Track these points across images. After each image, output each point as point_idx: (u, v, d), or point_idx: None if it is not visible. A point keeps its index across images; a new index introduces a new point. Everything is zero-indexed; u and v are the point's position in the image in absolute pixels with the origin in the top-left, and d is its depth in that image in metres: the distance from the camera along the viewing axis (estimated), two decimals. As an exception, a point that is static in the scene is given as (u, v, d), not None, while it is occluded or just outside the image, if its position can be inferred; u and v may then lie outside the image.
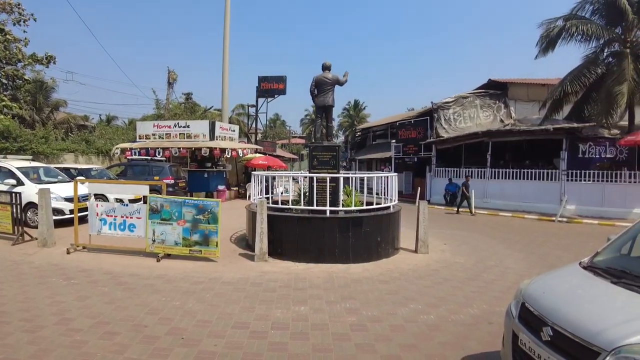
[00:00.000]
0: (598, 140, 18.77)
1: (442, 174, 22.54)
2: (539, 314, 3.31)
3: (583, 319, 3.00)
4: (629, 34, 18.24)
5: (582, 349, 2.83)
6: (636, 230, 4.08)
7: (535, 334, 3.25)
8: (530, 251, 10.29)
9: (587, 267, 3.84)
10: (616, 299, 3.20)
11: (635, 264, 3.84)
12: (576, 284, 3.62)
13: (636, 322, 2.78)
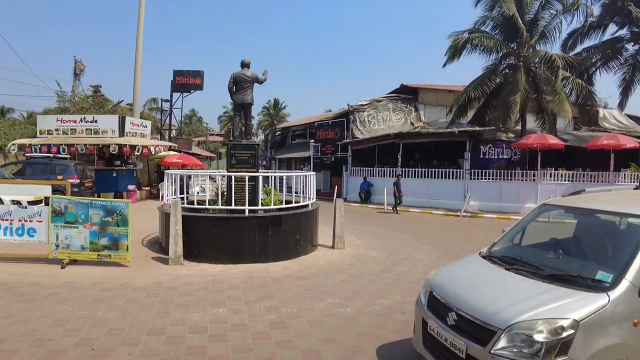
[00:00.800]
0: (496, 143, 20.81)
1: (357, 173, 23.37)
2: (444, 301, 3.61)
3: (482, 302, 3.33)
4: (522, 50, 20.39)
5: (482, 329, 3.15)
6: (525, 222, 4.60)
7: (442, 319, 3.54)
8: (438, 244, 11.08)
9: (485, 256, 4.26)
10: (509, 283, 3.58)
11: (525, 252, 4.32)
12: (476, 272, 3.99)
13: (525, 302, 3.14)
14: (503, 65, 21.42)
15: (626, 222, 3.83)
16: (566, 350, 2.84)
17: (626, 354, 3.03)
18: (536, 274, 3.54)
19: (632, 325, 3.06)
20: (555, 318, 2.92)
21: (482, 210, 18.46)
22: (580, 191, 4.96)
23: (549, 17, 20.22)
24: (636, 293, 3.11)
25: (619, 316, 3.02)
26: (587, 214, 4.27)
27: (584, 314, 2.92)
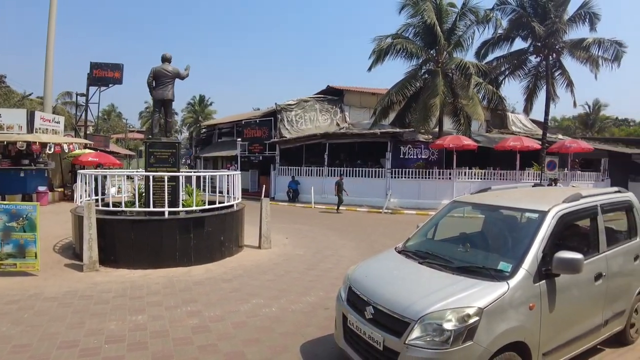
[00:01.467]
0: (416, 144, 21.94)
1: (285, 172, 23.43)
2: (362, 295, 3.78)
3: (396, 296, 3.53)
4: (441, 56, 21.65)
5: (397, 321, 3.34)
6: (438, 218, 4.94)
7: (361, 313, 3.69)
8: (362, 239, 11.48)
9: (401, 251, 4.51)
10: (421, 277, 3.82)
11: (437, 246, 4.64)
12: (392, 266, 4.21)
13: (435, 294, 3.38)
14: (423, 70, 22.57)
15: (523, 217, 4.25)
16: (472, 336, 3.11)
17: (524, 335, 3.38)
18: (446, 267, 3.81)
19: (529, 309, 3.43)
20: (462, 307, 3.18)
21: (402, 207, 19.41)
22: (486, 189, 5.43)
23: (464, 27, 21.68)
24: (531, 280, 3.49)
25: (517, 301, 3.37)
26: (491, 210, 4.68)
27: (487, 301, 3.22)
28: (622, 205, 5.02)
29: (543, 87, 22.23)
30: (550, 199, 4.25)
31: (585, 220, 4.51)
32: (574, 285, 3.86)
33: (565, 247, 3.79)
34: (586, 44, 21.05)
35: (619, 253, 4.60)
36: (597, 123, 50.39)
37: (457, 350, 3.07)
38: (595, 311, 4.25)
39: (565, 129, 46.33)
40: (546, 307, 3.57)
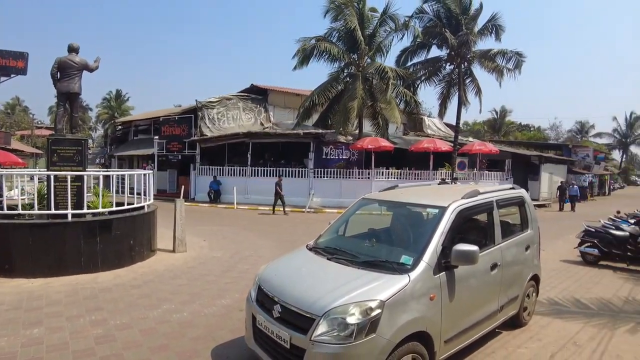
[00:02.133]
0: (337, 145, 22.48)
1: (206, 172, 22.78)
2: (271, 294, 3.74)
3: (303, 293, 3.54)
4: (362, 60, 22.35)
5: (304, 318, 3.34)
6: (348, 214, 5.06)
7: (269, 312, 3.66)
8: (283, 239, 11.48)
9: (311, 248, 4.55)
10: (328, 272, 3.88)
11: (346, 242, 4.73)
12: (301, 264, 4.23)
13: (340, 289, 3.43)
14: (345, 73, 23.14)
15: (425, 212, 4.48)
16: (375, 328, 3.19)
17: (425, 325, 3.54)
18: (352, 262, 3.90)
19: (430, 300, 3.60)
20: (365, 301, 3.26)
21: (324, 206, 19.77)
22: (394, 186, 5.67)
23: (384, 33, 22.59)
24: (432, 272, 3.67)
25: (418, 293, 3.52)
26: (397, 206, 4.89)
27: (389, 294, 3.33)
28: (516, 201, 5.49)
29: (456, 93, 23.81)
30: (450, 196, 4.50)
31: (483, 214, 4.84)
32: (471, 275, 4.14)
33: (464, 240, 4.05)
34: (492, 54, 23.10)
35: (512, 244, 5.03)
36: (504, 127, 55.02)
37: (361, 344, 3.14)
38: (492, 298, 4.59)
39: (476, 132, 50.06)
40: (446, 297, 3.79)
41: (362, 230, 5.01)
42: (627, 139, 65.88)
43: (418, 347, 3.50)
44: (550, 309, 6.45)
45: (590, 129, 65.38)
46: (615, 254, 9.61)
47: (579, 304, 6.87)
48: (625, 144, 67.10)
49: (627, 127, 65.15)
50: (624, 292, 7.64)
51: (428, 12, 23.35)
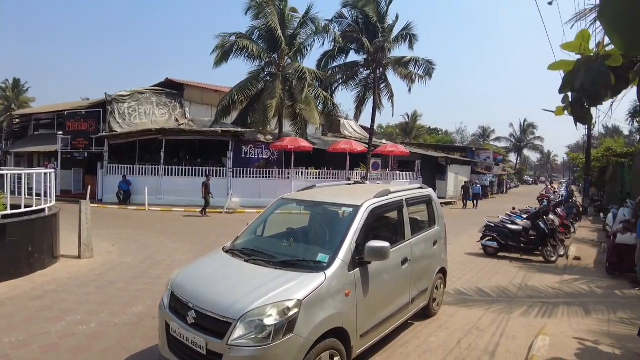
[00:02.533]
0: (257, 144, 22.29)
1: (115, 171, 21.24)
2: (185, 300, 3.61)
3: (219, 296, 3.46)
4: (282, 60, 22.34)
5: (220, 323, 3.26)
6: (267, 215, 5.05)
7: (183, 319, 3.53)
8: (199, 242, 11.10)
9: (228, 250, 4.46)
10: (245, 274, 3.83)
11: (264, 243, 4.71)
12: (217, 267, 4.13)
13: (257, 290, 3.40)
14: (265, 72, 22.99)
15: (341, 211, 4.60)
16: (292, 328, 3.21)
17: (342, 321, 3.63)
18: (270, 262, 3.89)
19: (345, 296, 3.70)
20: (282, 301, 3.27)
21: (243, 206, 19.48)
22: (312, 186, 5.75)
23: (305, 35, 22.78)
24: (347, 269, 3.77)
25: (334, 290, 3.61)
26: (314, 206, 4.98)
27: (306, 292, 3.37)
28: (424, 199, 5.86)
29: (371, 97, 24.75)
30: (363, 195, 4.68)
31: (394, 212, 5.09)
32: (384, 270, 4.34)
33: (377, 237, 4.23)
34: (406, 61, 24.44)
35: (421, 240, 5.36)
36: (414, 131, 58.32)
37: (278, 345, 3.14)
38: (403, 291, 4.85)
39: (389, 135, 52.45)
40: (361, 293, 3.92)
41: (280, 230, 5.03)
42: (521, 143, 74.46)
43: (335, 343, 3.58)
44: (456, 299, 6.98)
45: (491, 134, 72.79)
46: (511, 246, 10.66)
47: (481, 292, 7.51)
48: (519, 148, 75.64)
49: (521, 133, 73.58)
50: (519, 280, 8.49)
51: (347, 17, 24.07)
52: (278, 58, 22.37)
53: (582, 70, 3.01)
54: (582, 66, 3.01)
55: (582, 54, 3.08)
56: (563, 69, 3.28)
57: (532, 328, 5.62)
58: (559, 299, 7.25)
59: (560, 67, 3.28)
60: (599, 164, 27.70)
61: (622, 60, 3.02)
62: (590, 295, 7.59)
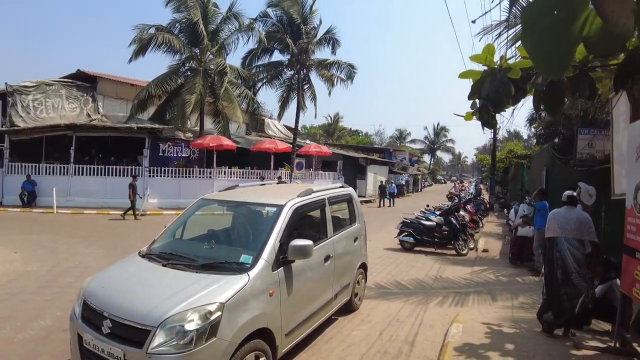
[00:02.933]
0: (176, 142, 21.42)
1: (18, 170, 19.24)
2: (99, 309, 3.40)
3: (136, 304, 3.30)
4: (204, 56, 21.72)
5: (138, 331, 3.11)
6: (186, 216, 4.90)
7: (97, 329, 3.31)
8: (114, 246, 10.42)
9: (145, 254, 4.26)
10: (164, 279, 3.70)
11: (182, 246, 4.57)
12: (133, 272, 3.95)
13: (177, 295, 3.29)
14: (186, 67, 22.23)
15: (264, 210, 4.61)
16: (215, 332, 3.15)
17: (266, 321, 3.63)
18: (190, 266, 3.79)
19: (269, 296, 3.71)
20: (204, 305, 3.19)
21: (161, 207, 18.64)
22: (234, 186, 5.70)
23: (229, 32, 22.37)
24: (270, 269, 3.78)
25: (258, 290, 3.59)
26: (237, 206, 4.93)
27: (229, 295, 3.32)
28: (345, 198, 6.04)
29: (295, 97, 24.93)
30: (287, 194, 4.72)
31: (316, 211, 5.20)
32: (308, 268, 4.41)
33: (300, 236, 4.31)
34: (328, 64, 25.01)
35: (342, 237, 5.52)
36: (337, 132, 59.75)
37: (201, 350, 3.07)
38: (327, 288, 4.97)
39: (313, 135, 53.20)
40: (285, 292, 3.96)
41: (201, 232, 4.89)
42: (434, 145, 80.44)
43: (260, 344, 3.57)
44: (377, 292, 7.30)
45: (407, 136, 77.46)
46: (426, 240, 11.41)
47: (400, 285, 7.92)
48: (433, 149, 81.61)
49: (435, 136, 79.25)
50: (434, 272, 9.09)
51: (272, 17, 24.05)
52: (200, 53, 21.75)
53: (487, 80, 3.33)
54: (487, 76, 3.34)
55: (487, 66, 3.42)
56: (472, 78, 3.61)
57: (447, 316, 6.04)
58: (470, 288, 7.88)
59: (469, 76, 3.61)
60: (503, 164, 30.40)
61: (520, 73, 3.39)
62: (497, 283, 8.34)
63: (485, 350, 4.64)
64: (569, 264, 4.85)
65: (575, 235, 4.91)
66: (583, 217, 5.10)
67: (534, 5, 1.53)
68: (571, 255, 4.85)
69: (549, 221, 5.25)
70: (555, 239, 5.01)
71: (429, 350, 4.90)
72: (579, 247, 4.89)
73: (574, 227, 4.93)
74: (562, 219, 5.05)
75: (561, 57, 1.54)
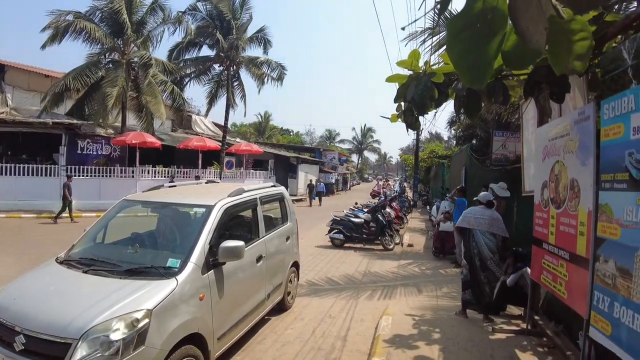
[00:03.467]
0: (96, 138, 20.03)
1: None
2: (10, 323, 3.10)
3: (53, 315, 3.05)
4: (127, 47, 20.51)
5: (57, 345, 2.88)
6: (108, 218, 4.60)
7: (9, 346, 3.03)
8: (25, 253, 9.53)
9: (63, 261, 3.96)
10: (85, 287, 3.46)
11: (104, 251, 4.31)
12: (49, 281, 3.65)
13: (100, 304, 3.10)
14: (107, 59, 20.92)
15: (192, 211, 4.47)
16: (143, 340, 3.00)
17: (197, 326, 3.52)
18: (114, 272, 3.57)
19: (199, 300, 3.60)
20: (129, 313, 3.03)
21: (81, 210, 17.28)
22: (159, 186, 5.46)
23: (154, 23, 21.34)
24: (200, 272, 3.67)
25: (187, 295, 3.48)
26: (163, 207, 4.73)
27: (156, 301, 3.18)
28: (276, 197, 6.05)
29: (224, 94, 24.41)
30: (216, 194, 4.60)
31: (248, 211, 5.15)
32: (239, 269, 4.35)
33: (231, 237, 4.24)
34: (259, 62, 24.79)
35: (274, 236, 5.53)
36: (267, 131, 59.34)
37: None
38: (259, 288, 4.94)
39: (243, 133, 52.40)
40: (216, 295, 3.87)
41: (124, 236, 4.61)
42: (362, 145, 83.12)
43: (192, 349, 3.46)
44: (309, 290, 7.40)
45: (337, 136, 79.08)
46: (355, 237, 11.78)
47: (331, 281, 8.09)
48: (360, 150, 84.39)
49: (362, 136, 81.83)
50: (363, 267, 9.39)
51: (201, 10, 23.27)
52: (123, 44, 20.53)
53: (412, 84, 3.50)
54: (412, 81, 3.51)
55: (413, 70, 3.61)
56: (398, 82, 3.78)
57: (377, 310, 6.27)
58: (397, 281, 8.25)
59: (396, 80, 3.78)
60: (425, 164, 32.02)
61: (443, 78, 3.62)
62: (422, 276, 8.81)
63: (413, 340, 4.88)
64: (484, 252, 5.58)
65: (488, 229, 5.62)
66: (495, 215, 5.81)
67: (459, 18, 1.65)
68: (485, 245, 5.59)
69: (465, 215, 5.93)
70: (472, 230, 5.70)
71: (361, 344, 5.05)
72: (491, 239, 5.63)
73: (487, 223, 5.64)
74: (478, 214, 5.77)
75: (482, 68, 1.67)
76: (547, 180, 4.35)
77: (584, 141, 3.46)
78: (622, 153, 2.75)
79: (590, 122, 3.34)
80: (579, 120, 3.59)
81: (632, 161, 2.65)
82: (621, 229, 2.76)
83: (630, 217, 2.65)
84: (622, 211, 2.75)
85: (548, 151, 4.35)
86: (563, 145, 3.91)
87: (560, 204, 3.96)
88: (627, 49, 3.29)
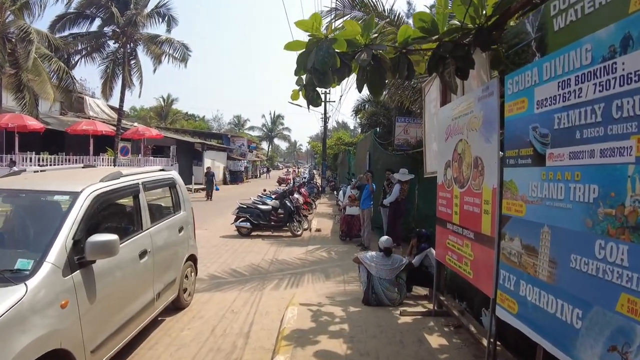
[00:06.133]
0: (-41, 121, 16.99)
1: None
2: None
3: None
4: (1, 16, 17.48)
5: None
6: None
7: None
8: None
9: None
10: None
11: None
12: None
13: None
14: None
15: (52, 200, 3.67)
16: None
17: (59, 340, 2.85)
18: None
19: (61, 308, 2.93)
20: None
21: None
22: (19, 171, 4.50)
23: (35, -11, 18.48)
24: (60, 273, 2.99)
25: (42, 303, 2.79)
26: (14, 196, 3.83)
27: None
28: (167, 183, 5.34)
29: (121, 74, 22.27)
30: (86, 179, 3.84)
31: (128, 198, 4.42)
32: (116, 268, 3.68)
33: (106, 229, 3.57)
34: (160, 41, 23.04)
35: (164, 227, 4.87)
36: (170, 115, 55.89)
37: None
38: (145, 288, 4.28)
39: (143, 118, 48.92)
40: (85, 300, 3.20)
41: None
42: (272, 133, 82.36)
43: None
44: (210, 284, 6.83)
45: (246, 122, 77.25)
46: (262, 224, 11.37)
47: (235, 273, 7.58)
48: (271, 137, 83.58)
49: (272, 123, 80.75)
50: (270, 255, 9.01)
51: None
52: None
53: (314, 50, 3.15)
54: (313, 46, 3.15)
55: (313, 35, 3.24)
56: (298, 49, 3.40)
57: (283, 300, 5.93)
58: (304, 268, 8.00)
59: (295, 47, 3.38)
60: (333, 151, 32.71)
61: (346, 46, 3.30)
62: (329, 261, 8.66)
63: (320, 331, 4.63)
64: (383, 299, 5.47)
65: (388, 276, 5.49)
66: (397, 261, 5.63)
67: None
68: (383, 293, 5.48)
69: (364, 260, 5.66)
70: (370, 274, 5.53)
71: (265, 340, 4.67)
72: (391, 281, 5.52)
73: (389, 271, 5.48)
74: (379, 264, 5.54)
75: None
76: (451, 160, 4.30)
77: (488, 118, 3.38)
78: (526, 128, 2.68)
79: (494, 97, 3.26)
80: (482, 97, 3.51)
81: (536, 135, 2.57)
82: (526, 206, 2.68)
83: (536, 192, 2.57)
84: (527, 187, 2.67)
85: (451, 130, 4.28)
86: (467, 123, 3.83)
87: (464, 183, 3.90)
88: (531, 22, 3.24)
